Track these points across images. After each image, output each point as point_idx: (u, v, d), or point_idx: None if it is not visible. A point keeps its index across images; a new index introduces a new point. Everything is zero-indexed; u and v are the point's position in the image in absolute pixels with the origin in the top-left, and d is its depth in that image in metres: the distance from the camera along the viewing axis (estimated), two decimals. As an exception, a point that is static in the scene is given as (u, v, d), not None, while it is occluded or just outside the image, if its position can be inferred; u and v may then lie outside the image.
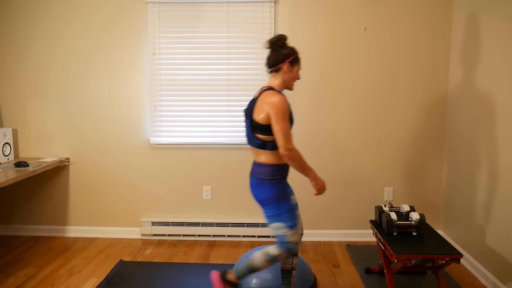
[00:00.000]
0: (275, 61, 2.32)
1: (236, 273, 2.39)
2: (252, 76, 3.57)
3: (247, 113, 2.34)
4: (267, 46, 2.36)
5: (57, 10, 3.59)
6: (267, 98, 2.24)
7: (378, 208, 2.91)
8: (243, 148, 3.66)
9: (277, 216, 2.28)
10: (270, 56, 2.34)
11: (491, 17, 2.87)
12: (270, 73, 2.37)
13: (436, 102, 3.57)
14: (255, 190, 2.34)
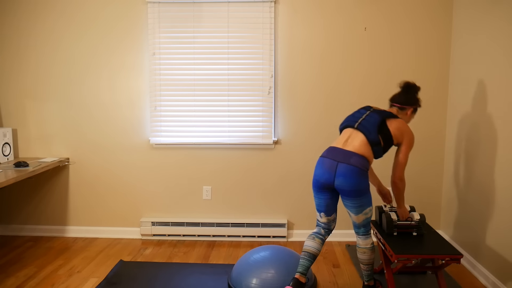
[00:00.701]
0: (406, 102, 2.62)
1: (368, 278, 2.60)
2: (252, 76, 3.57)
3: (384, 115, 2.52)
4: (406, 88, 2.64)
5: (57, 11, 3.59)
6: (405, 127, 2.54)
7: (378, 208, 2.91)
8: (243, 148, 3.66)
9: (369, 202, 2.49)
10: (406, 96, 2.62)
11: (491, 16, 2.86)
12: (399, 108, 2.63)
13: (436, 102, 3.57)
14: (356, 179, 2.40)
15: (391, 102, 2.70)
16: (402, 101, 2.63)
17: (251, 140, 3.62)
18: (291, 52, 3.56)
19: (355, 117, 2.59)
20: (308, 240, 2.58)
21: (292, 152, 3.66)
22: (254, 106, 3.59)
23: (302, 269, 2.49)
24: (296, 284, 2.44)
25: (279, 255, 2.77)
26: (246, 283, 2.65)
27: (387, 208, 2.89)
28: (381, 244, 2.71)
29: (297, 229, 3.74)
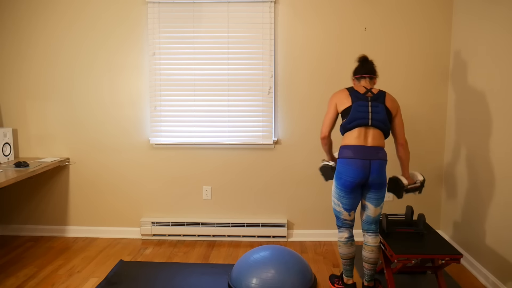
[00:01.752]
0: (375, 72, 2.72)
1: (369, 278, 2.68)
2: (252, 76, 3.57)
3: (381, 100, 2.59)
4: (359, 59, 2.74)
5: (59, 11, 3.59)
6: (394, 100, 2.66)
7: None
8: (243, 148, 3.66)
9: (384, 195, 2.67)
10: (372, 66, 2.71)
11: (490, 18, 2.87)
12: (371, 78, 2.69)
13: (436, 103, 3.57)
14: (384, 172, 2.57)
15: (365, 74, 2.68)
16: (374, 71, 2.71)
17: (251, 140, 3.62)
18: (291, 52, 3.56)
19: (363, 114, 2.56)
20: (347, 247, 2.68)
21: (292, 152, 3.66)
22: (254, 106, 3.59)
23: (352, 274, 2.74)
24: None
25: (279, 255, 2.77)
26: (246, 283, 2.65)
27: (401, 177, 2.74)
28: (381, 244, 2.72)
29: (297, 229, 3.74)
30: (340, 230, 2.70)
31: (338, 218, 2.69)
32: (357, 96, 2.59)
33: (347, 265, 2.72)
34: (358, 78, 2.71)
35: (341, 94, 2.65)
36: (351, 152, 2.54)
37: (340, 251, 2.70)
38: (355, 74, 2.73)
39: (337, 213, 2.68)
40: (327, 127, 2.65)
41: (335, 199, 2.65)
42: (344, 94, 2.63)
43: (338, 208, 2.65)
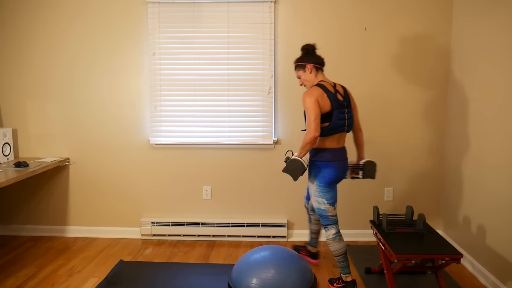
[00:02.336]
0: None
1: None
2: (252, 76, 3.57)
3: (349, 103, 2.76)
4: (314, 48, 2.81)
5: (59, 11, 3.59)
6: (351, 94, 2.86)
7: (376, 208, 2.92)
8: (243, 148, 3.66)
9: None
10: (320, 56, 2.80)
11: (490, 18, 2.87)
12: (322, 70, 2.80)
13: (436, 103, 3.57)
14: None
15: (319, 65, 2.77)
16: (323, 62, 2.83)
17: (251, 140, 3.62)
18: (291, 52, 3.56)
19: (342, 121, 2.71)
20: (337, 243, 2.74)
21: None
22: (254, 106, 3.59)
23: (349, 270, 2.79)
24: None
25: (279, 255, 2.77)
26: (246, 283, 2.65)
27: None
28: (381, 244, 2.72)
29: (297, 229, 3.74)
30: (328, 228, 2.75)
31: (325, 216, 2.75)
32: (336, 102, 2.67)
33: (342, 262, 2.74)
34: (318, 69, 2.79)
35: (319, 93, 2.63)
36: (330, 156, 2.72)
37: (332, 249, 2.74)
38: (320, 64, 2.79)
39: (323, 212, 2.75)
40: (318, 125, 2.59)
41: (319, 198, 2.74)
42: (323, 95, 2.64)
43: (323, 206, 2.74)
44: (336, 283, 2.83)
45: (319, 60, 2.77)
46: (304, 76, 2.78)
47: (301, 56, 2.80)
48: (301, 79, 2.81)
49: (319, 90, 2.65)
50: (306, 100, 2.61)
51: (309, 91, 2.65)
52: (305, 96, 2.63)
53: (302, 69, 2.78)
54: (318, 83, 2.70)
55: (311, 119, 2.58)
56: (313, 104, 2.59)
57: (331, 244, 2.74)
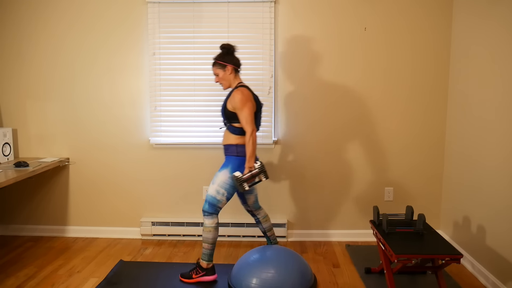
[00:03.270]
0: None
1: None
2: (252, 76, 3.56)
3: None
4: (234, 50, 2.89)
5: (59, 10, 3.59)
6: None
7: (376, 208, 2.92)
8: (243, 148, 3.66)
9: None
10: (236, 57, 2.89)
11: (490, 17, 2.87)
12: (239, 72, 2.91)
13: (436, 102, 3.57)
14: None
15: (238, 67, 2.88)
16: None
17: (251, 140, 3.62)
18: (291, 52, 3.56)
19: (259, 121, 2.92)
20: (216, 232, 2.88)
21: (292, 152, 3.66)
22: (254, 106, 3.59)
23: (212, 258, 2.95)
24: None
25: (279, 255, 2.77)
26: (246, 283, 2.65)
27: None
28: (381, 244, 2.72)
29: (297, 229, 3.74)
30: (212, 217, 2.85)
31: (214, 206, 2.85)
32: (259, 103, 2.88)
33: (211, 250, 2.89)
34: (237, 71, 2.90)
35: (250, 95, 2.80)
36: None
37: (209, 236, 2.85)
38: (239, 67, 2.89)
39: (216, 201, 2.84)
40: (253, 121, 2.78)
41: (222, 189, 2.83)
42: (251, 96, 2.82)
43: (220, 197, 2.84)
44: (194, 273, 2.91)
45: (238, 62, 2.89)
46: (223, 76, 2.86)
47: (222, 55, 2.86)
48: (219, 78, 2.88)
49: (248, 92, 2.81)
50: (242, 99, 2.74)
51: (241, 91, 2.77)
52: (238, 94, 2.75)
53: (222, 68, 2.85)
54: (243, 85, 2.85)
55: (248, 119, 2.75)
56: (249, 102, 2.76)
57: (211, 232, 2.84)
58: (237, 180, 2.76)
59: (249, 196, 3.07)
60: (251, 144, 2.74)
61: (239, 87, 2.83)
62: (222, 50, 2.89)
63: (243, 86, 2.84)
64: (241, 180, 2.76)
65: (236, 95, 2.76)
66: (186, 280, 2.92)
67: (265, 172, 2.80)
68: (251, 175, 2.77)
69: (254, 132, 2.75)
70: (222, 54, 2.88)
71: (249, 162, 2.77)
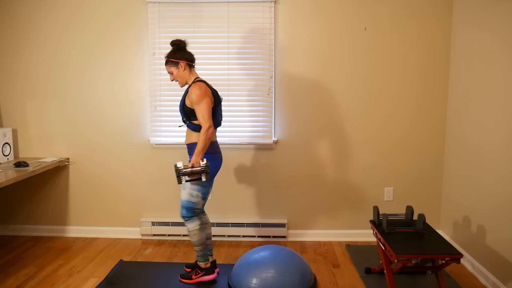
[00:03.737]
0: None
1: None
2: (252, 76, 3.57)
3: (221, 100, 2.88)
4: (185, 45, 2.81)
5: (56, 10, 3.59)
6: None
7: (376, 208, 2.92)
8: (243, 148, 3.66)
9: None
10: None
11: (492, 15, 2.87)
12: (193, 67, 2.85)
13: (436, 102, 3.57)
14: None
15: (191, 62, 2.82)
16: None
17: (251, 140, 3.62)
18: (291, 52, 3.56)
19: (220, 116, 2.88)
20: (202, 232, 2.85)
21: (292, 152, 3.66)
22: (254, 106, 3.59)
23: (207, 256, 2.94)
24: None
25: (279, 255, 2.77)
26: (246, 283, 2.65)
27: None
28: (381, 244, 2.72)
29: (297, 229, 3.74)
30: (192, 220, 2.82)
31: (192, 209, 2.81)
32: (217, 98, 2.81)
33: (203, 250, 2.88)
34: (191, 66, 2.83)
35: (207, 89, 2.72)
36: (214, 148, 2.82)
37: (196, 239, 2.83)
38: (192, 61, 2.82)
39: (192, 204, 2.80)
40: (211, 118, 2.69)
41: (194, 191, 2.78)
42: (209, 91, 2.74)
43: (195, 199, 2.80)
44: (194, 274, 2.91)
45: (191, 57, 2.81)
46: (178, 73, 2.79)
47: (173, 52, 2.79)
48: (174, 75, 2.81)
49: (206, 86, 2.72)
50: (198, 93, 2.66)
51: (198, 85, 2.69)
52: (195, 89, 2.67)
53: (175, 65, 2.78)
54: (200, 80, 2.78)
55: (205, 114, 2.65)
56: (206, 97, 2.68)
57: (196, 235, 2.82)
58: (176, 171, 2.61)
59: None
60: (203, 140, 2.62)
61: (196, 82, 2.75)
62: (172, 47, 2.80)
63: (200, 81, 2.76)
64: (181, 172, 2.61)
65: (193, 90, 2.67)
66: (186, 281, 2.92)
67: (207, 173, 2.63)
68: (192, 171, 2.61)
69: (210, 128, 2.64)
70: (173, 51, 2.79)
71: (196, 157, 2.64)
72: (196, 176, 2.65)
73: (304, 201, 3.70)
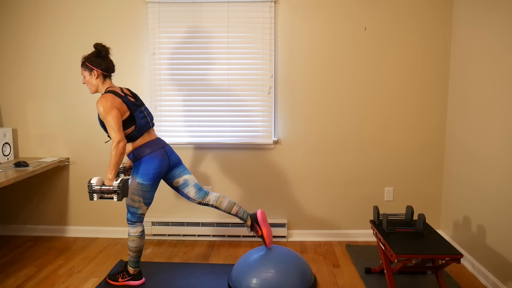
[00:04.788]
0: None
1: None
2: (252, 76, 3.57)
3: (141, 101, 2.83)
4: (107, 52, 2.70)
5: (56, 10, 3.59)
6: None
7: (376, 208, 2.92)
8: (243, 148, 3.66)
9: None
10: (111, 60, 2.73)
11: (492, 14, 2.86)
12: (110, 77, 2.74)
13: (436, 102, 3.57)
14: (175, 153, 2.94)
15: (108, 72, 2.70)
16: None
17: (251, 140, 3.62)
18: (291, 52, 3.56)
19: (144, 119, 2.75)
20: (142, 240, 2.81)
21: (292, 152, 3.66)
22: (254, 106, 3.59)
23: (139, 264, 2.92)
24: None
25: (279, 255, 2.77)
26: (246, 283, 2.65)
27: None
28: (381, 244, 2.72)
29: (297, 229, 3.74)
30: (135, 225, 2.78)
31: (135, 214, 2.76)
32: (132, 104, 2.69)
33: (137, 257, 2.84)
34: (106, 76, 2.72)
35: (116, 101, 2.59)
36: (149, 149, 2.72)
37: (134, 245, 2.79)
38: (109, 72, 2.71)
39: (135, 209, 2.75)
40: (121, 132, 2.55)
41: (136, 197, 2.72)
42: (119, 101, 2.61)
43: (137, 204, 2.74)
44: (121, 277, 2.87)
45: (109, 66, 2.70)
46: (89, 79, 2.69)
47: (91, 56, 2.67)
48: (85, 80, 2.71)
49: (114, 98, 2.59)
50: (104, 107, 2.53)
51: (104, 98, 2.56)
52: (100, 103, 2.54)
53: (89, 71, 2.67)
54: (109, 90, 2.65)
55: (114, 127, 2.53)
56: (113, 109, 2.54)
57: (134, 241, 2.78)
58: (88, 187, 2.50)
59: (187, 190, 2.88)
60: (113, 156, 2.50)
61: (104, 93, 2.63)
62: (94, 50, 2.69)
63: (109, 92, 2.62)
64: (92, 190, 2.49)
65: (99, 104, 2.54)
66: (112, 282, 2.88)
67: (118, 194, 2.47)
68: (101, 190, 2.47)
69: (120, 142, 2.51)
70: (92, 55, 2.67)
71: (108, 174, 2.52)
72: (109, 195, 2.50)
73: (304, 201, 3.70)
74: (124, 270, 2.90)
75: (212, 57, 3.57)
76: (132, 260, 2.84)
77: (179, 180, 2.88)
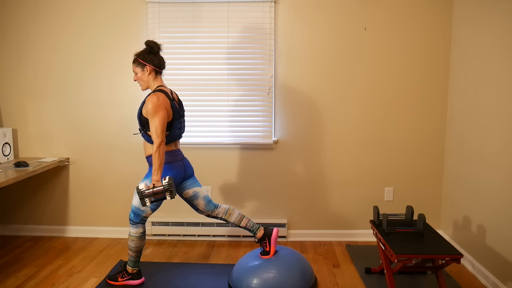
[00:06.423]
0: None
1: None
2: (252, 76, 3.57)
3: (183, 112, 2.83)
4: (159, 49, 2.71)
5: (56, 10, 3.59)
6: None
7: (376, 208, 2.92)
8: (243, 148, 3.66)
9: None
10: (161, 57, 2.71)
11: (492, 15, 2.87)
12: (161, 74, 2.74)
13: (436, 102, 3.57)
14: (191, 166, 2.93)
15: (160, 69, 2.71)
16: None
17: (251, 140, 3.62)
18: (291, 52, 3.56)
19: (178, 130, 2.75)
20: (141, 241, 2.82)
21: (292, 152, 3.66)
22: (254, 106, 3.59)
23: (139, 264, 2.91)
24: None
25: (280, 255, 2.77)
26: (246, 283, 2.65)
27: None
28: (381, 244, 2.72)
29: (297, 229, 3.74)
30: (137, 226, 2.78)
31: (139, 216, 2.76)
32: (177, 112, 2.68)
33: (137, 257, 2.85)
34: (158, 72, 2.71)
35: (166, 101, 2.58)
36: (170, 157, 2.70)
37: (134, 245, 2.80)
38: (161, 68, 2.70)
39: (140, 211, 2.75)
40: (164, 132, 2.55)
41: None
42: (168, 103, 2.60)
43: (144, 208, 2.74)
44: (121, 277, 2.88)
45: (161, 63, 2.70)
46: (141, 75, 2.68)
47: (143, 53, 2.67)
48: (137, 77, 2.70)
49: (165, 98, 2.59)
50: (154, 105, 2.52)
51: (156, 96, 2.55)
52: (152, 100, 2.53)
53: (141, 67, 2.67)
54: (161, 89, 2.63)
55: (159, 129, 2.51)
56: (162, 110, 2.54)
57: (134, 241, 2.78)
58: (139, 193, 2.50)
59: (197, 202, 2.88)
60: (156, 158, 2.48)
61: (156, 91, 2.62)
62: (145, 47, 2.69)
63: (161, 91, 2.61)
64: (143, 194, 2.50)
65: (150, 100, 2.53)
66: (112, 283, 2.88)
67: (171, 192, 2.48)
68: (153, 192, 2.48)
69: (162, 144, 2.50)
70: (144, 51, 2.67)
71: (155, 176, 2.50)
72: (160, 195, 2.52)
73: (304, 201, 3.70)
74: (123, 270, 2.90)
75: (212, 57, 3.57)
76: (132, 259, 2.85)
77: (189, 192, 2.86)
